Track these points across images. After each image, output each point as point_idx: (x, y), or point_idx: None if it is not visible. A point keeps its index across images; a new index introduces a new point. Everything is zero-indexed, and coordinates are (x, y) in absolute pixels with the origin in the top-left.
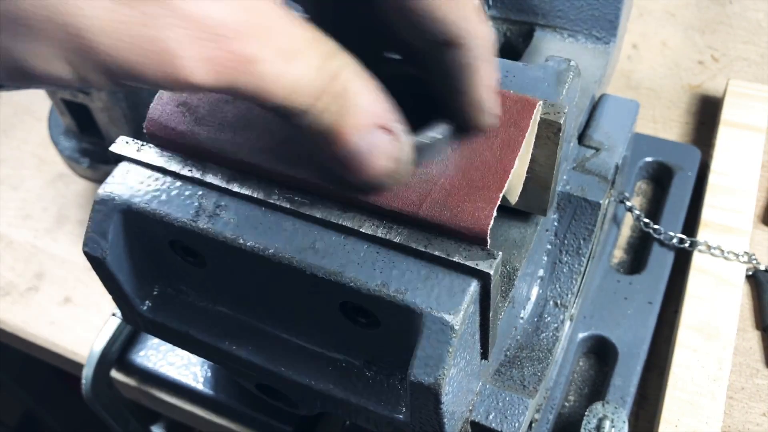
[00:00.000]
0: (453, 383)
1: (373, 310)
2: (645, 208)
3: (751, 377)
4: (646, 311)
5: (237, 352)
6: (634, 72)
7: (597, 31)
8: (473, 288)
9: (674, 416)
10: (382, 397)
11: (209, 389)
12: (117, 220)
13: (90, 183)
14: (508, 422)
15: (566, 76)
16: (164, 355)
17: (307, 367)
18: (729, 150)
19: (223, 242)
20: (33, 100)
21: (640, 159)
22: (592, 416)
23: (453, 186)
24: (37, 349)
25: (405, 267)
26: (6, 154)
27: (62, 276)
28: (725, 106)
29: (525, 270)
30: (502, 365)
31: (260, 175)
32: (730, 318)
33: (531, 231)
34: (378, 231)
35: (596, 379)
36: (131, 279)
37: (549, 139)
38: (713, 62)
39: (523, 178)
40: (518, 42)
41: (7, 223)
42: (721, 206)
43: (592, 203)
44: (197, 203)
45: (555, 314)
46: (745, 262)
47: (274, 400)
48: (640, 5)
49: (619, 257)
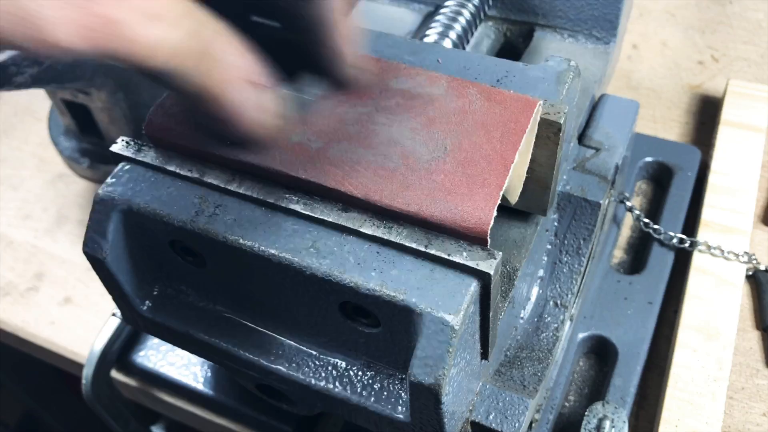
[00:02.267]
0: (453, 383)
1: (373, 310)
2: (645, 208)
3: (751, 377)
4: (646, 311)
5: (237, 352)
6: (634, 72)
7: (597, 31)
8: (473, 288)
9: (674, 416)
10: (382, 397)
11: (209, 389)
12: (117, 220)
13: (90, 183)
14: (508, 422)
15: (566, 76)
16: (164, 355)
17: (307, 367)
18: (729, 150)
19: (223, 242)
20: (33, 100)
21: (640, 159)
22: (592, 416)
23: (453, 186)
24: (37, 349)
25: (405, 267)
26: (6, 154)
27: (62, 276)
28: (725, 106)
29: (525, 270)
30: (502, 365)
31: (260, 175)
32: (730, 318)
33: (531, 231)
34: (378, 231)
35: (596, 379)
36: (131, 279)
37: (549, 139)
38: (713, 62)
39: (523, 178)
40: (518, 42)
41: (7, 223)
42: (721, 206)
43: (592, 203)
44: (197, 203)
45: (555, 314)
46: (745, 262)
47: (274, 400)
48: (640, 5)
49: (619, 257)
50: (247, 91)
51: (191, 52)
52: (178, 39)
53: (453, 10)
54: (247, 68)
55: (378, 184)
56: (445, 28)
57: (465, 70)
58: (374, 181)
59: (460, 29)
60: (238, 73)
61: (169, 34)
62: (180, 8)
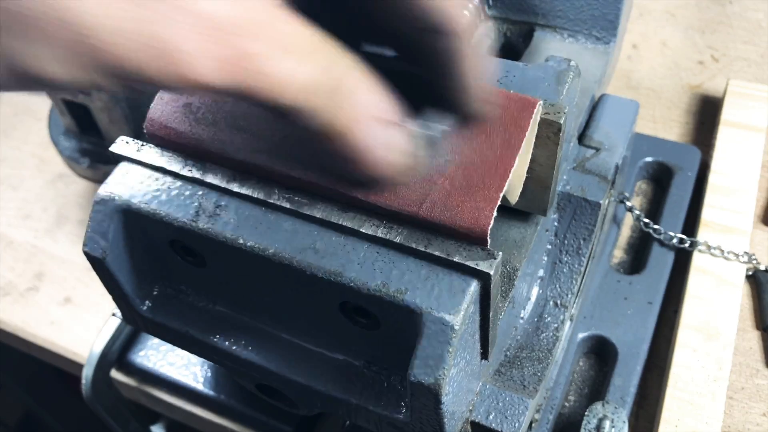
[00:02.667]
0: (453, 383)
1: (373, 310)
2: (645, 208)
3: (751, 377)
4: (646, 311)
5: (237, 352)
6: (634, 72)
7: (597, 31)
8: (473, 288)
9: (674, 416)
10: (382, 397)
11: (209, 389)
12: (117, 220)
13: (90, 183)
14: (508, 422)
15: (566, 76)
16: (164, 355)
17: (307, 367)
18: (729, 150)
19: (223, 242)
20: (33, 100)
21: (640, 159)
22: (592, 416)
23: (453, 186)
24: (37, 349)
25: (405, 267)
26: (6, 154)
27: (62, 276)
28: (725, 106)
29: (525, 270)
30: (502, 365)
31: (260, 175)
32: (730, 318)
33: (531, 231)
34: (378, 231)
35: (596, 379)
36: (131, 279)
37: (549, 139)
38: (713, 62)
39: (523, 178)
40: (518, 42)
41: (7, 223)
42: (721, 206)
43: (592, 203)
44: (197, 203)
45: (555, 314)
46: (745, 262)
47: (274, 400)
48: (640, 5)
49: (619, 257)
50: (376, 130)
51: (322, 88)
52: (310, 74)
53: None
54: (378, 105)
55: None
56: None
57: None
58: None
59: None
60: (369, 111)
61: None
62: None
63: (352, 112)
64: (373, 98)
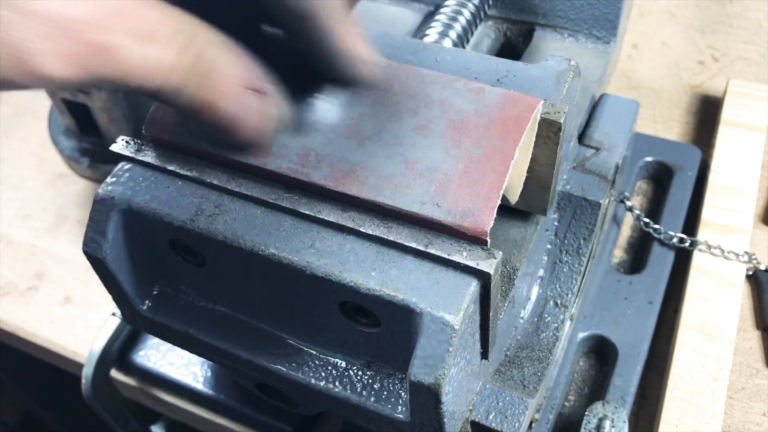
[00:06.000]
0: (453, 383)
1: (373, 310)
2: (645, 207)
3: (751, 377)
4: (646, 311)
5: (237, 352)
6: (634, 72)
7: (597, 31)
8: (473, 288)
9: (674, 416)
10: (382, 397)
11: (209, 389)
12: (117, 220)
13: (90, 183)
14: (508, 422)
15: (566, 75)
16: (164, 355)
17: (307, 367)
18: (729, 150)
19: (223, 242)
20: (33, 100)
21: (640, 159)
22: (592, 416)
23: (453, 186)
24: (37, 349)
25: (405, 267)
26: (6, 154)
27: (62, 276)
28: (725, 106)
29: (525, 270)
30: (502, 365)
31: (260, 175)
32: (730, 318)
33: (531, 231)
34: (378, 231)
35: (596, 379)
36: (131, 279)
37: (549, 138)
38: (713, 62)
39: (523, 178)
40: (518, 42)
41: (7, 223)
42: (721, 206)
43: (592, 203)
44: (197, 203)
45: (555, 314)
46: (746, 262)
47: (274, 400)
48: (640, 5)
49: (619, 257)
50: (245, 98)
51: (186, 67)
52: (173, 58)
53: (453, 9)
54: (243, 74)
55: (378, 183)
56: (445, 27)
57: (465, 70)
58: (374, 180)
59: (460, 29)
60: (235, 81)
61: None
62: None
63: (217, 85)
64: (237, 68)
